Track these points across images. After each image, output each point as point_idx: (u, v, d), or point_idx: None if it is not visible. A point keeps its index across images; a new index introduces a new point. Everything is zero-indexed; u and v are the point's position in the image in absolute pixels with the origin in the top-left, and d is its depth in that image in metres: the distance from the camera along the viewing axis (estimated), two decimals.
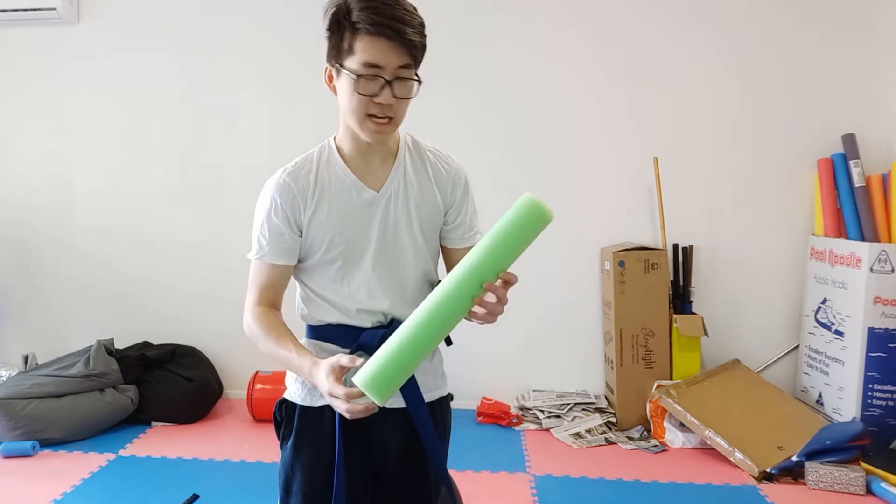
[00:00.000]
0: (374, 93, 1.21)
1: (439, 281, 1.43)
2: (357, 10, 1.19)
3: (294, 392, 1.39)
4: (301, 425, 1.37)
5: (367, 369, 1.15)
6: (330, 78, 1.29)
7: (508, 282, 1.19)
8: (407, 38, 1.19)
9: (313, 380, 1.21)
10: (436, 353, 1.45)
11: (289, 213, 1.31)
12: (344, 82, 1.24)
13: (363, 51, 1.20)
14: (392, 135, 1.32)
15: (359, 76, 1.20)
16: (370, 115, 1.24)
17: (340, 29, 1.22)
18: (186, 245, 3.62)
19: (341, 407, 1.16)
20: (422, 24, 1.23)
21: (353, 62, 1.21)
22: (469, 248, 1.45)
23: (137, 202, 3.63)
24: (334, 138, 1.37)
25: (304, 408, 1.37)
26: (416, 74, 1.25)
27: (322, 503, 1.33)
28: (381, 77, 1.20)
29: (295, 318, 1.42)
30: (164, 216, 3.63)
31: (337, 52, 1.24)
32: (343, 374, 1.18)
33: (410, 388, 1.33)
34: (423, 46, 1.24)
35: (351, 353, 1.32)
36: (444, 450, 1.46)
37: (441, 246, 1.45)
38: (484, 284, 1.16)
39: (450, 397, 1.51)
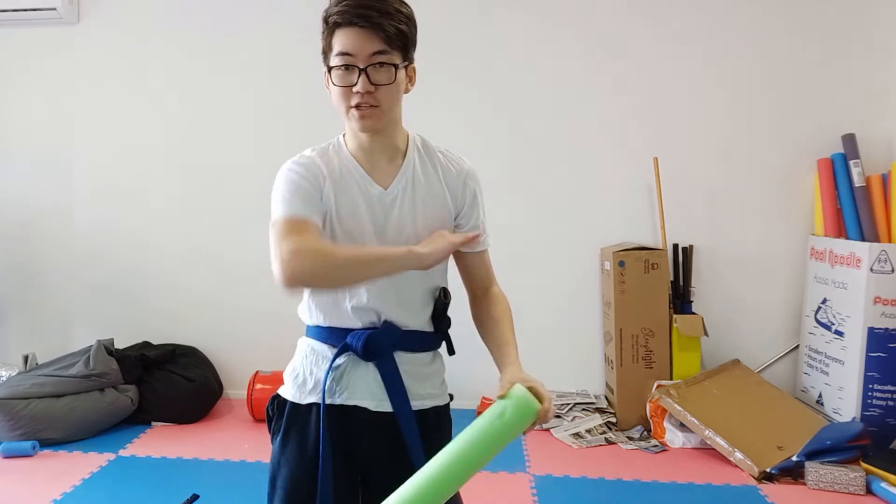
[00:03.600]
0: (350, 82, 1.23)
1: (443, 288, 1.41)
2: (332, 7, 1.24)
3: (286, 388, 1.39)
4: (289, 421, 1.36)
5: None
6: (327, 82, 1.30)
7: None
8: (375, 23, 1.21)
9: (426, 250, 1.25)
10: (436, 358, 1.42)
11: (312, 182, 1.28)
12: (329, 79, 1.28)
13: (337, 44, 1.24)
14: (384, 124, 1.29)
15: (335, 67, 1.24)
16: (352, 106, 1.25)
17: (324, 32, 1.27)
18: (186, 245, 3.61)
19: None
20: (398, 12, 1.24)
21: (331, 58, 1.26)
22: (481, 252, 1.43)
23: (137, 202, 3.63)
24: (342, 136, 1.37)
25: (293, 404, 1.36)
26: (404, 61, 1.26)
27: (303, 500, 1.32)
28: (355, 66, 1.22)
29: (294, 317, 1.42)
30: (164, 216, 3.63)
31: (325, 56, 1.28)
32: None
33: (397, 394, 1.31)
34: (401, 33, 1.24)
35: (338, 354, 1.31)
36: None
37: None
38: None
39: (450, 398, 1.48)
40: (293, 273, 1.15)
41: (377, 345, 1.30)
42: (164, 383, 3.30)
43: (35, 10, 3.47)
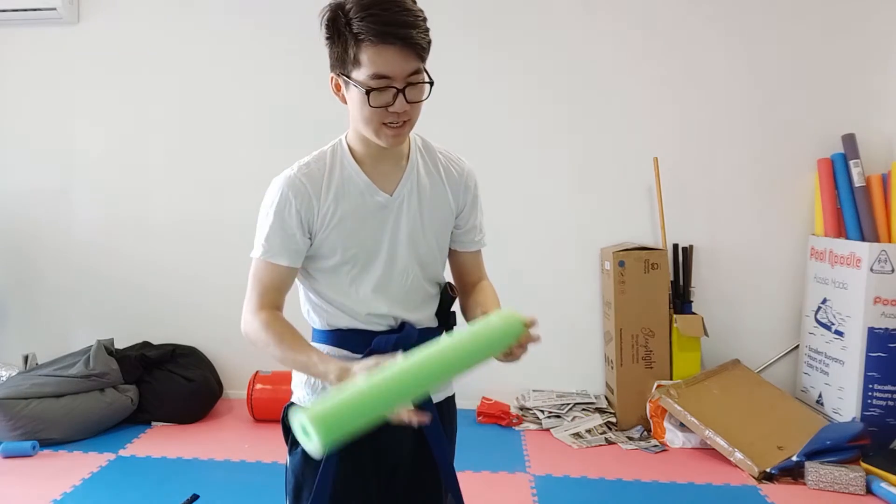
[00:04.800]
0: (387, 103, 1.17)
1: (448, 283, 1.42)
2: (357, 20, 1.13)
3: (302, 397, 1.37)
4: None
5: (321, 405, 1.03)
6: (337, 87, 1.25)
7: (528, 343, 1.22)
8: (413, 42, 1.14)
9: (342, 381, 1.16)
10: None
11: (302, 214, 1.27)
12: (354, 94, 1.20)
13: (370, 62, 1.15)
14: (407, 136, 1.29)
15: (371, 90, 1.16)
16: (385, 124, 1.20)
17: (342, 39, 1.17)
18: (187, 245, 3.62)
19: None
20: (425, 20, 1.18)
21: (361, 74, 1.17)
22: (476, 252, 1.46)
23: (138, 202, 3.63)
24: (346, 138, 1.33)
25: None
26: (428, 75, 1.21)
27: None
28: (393, 87, 1.16)
29: (298, 320, 1.41)
30: (164, 215, 3.63)
31: (342, 64, 1.20)
32: None
33: None
34: (430, 43, 1.19)
35: (364, 357, 1.29)
36: (452, 450, 1.44)
37: (449, 248, 1.44)
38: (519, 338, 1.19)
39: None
40: (248, 337, 1.31)
41: (403, 347, 1.29)
42: (164, 383, 3.30)
43: (35, 10, 3.47)
